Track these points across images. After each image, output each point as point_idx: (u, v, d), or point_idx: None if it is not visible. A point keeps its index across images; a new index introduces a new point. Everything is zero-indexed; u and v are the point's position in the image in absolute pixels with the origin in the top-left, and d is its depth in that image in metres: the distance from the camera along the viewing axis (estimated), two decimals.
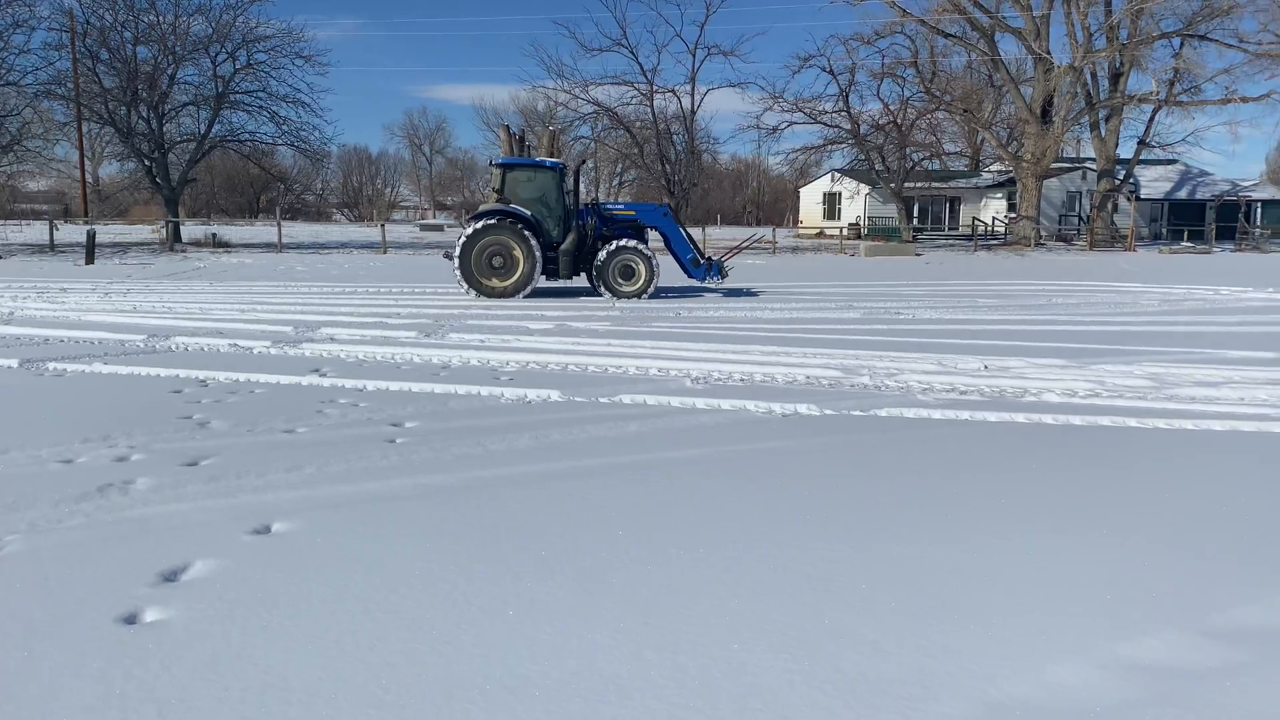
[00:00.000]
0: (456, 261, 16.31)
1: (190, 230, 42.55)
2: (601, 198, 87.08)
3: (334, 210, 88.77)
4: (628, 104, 40.46)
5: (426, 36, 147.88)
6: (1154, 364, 9.81)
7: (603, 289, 16.94)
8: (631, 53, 41.35)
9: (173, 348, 10.41)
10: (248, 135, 38.64)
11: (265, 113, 37.63)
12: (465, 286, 16.35)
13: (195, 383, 8.35)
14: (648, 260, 16.90)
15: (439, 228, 59.62)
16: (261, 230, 47.18)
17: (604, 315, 14.05)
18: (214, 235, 38.20)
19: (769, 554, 4.27)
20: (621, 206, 18.19)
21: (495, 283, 16.33)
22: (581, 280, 17.77)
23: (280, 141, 39.34)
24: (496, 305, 15.46)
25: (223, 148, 39.98)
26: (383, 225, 39.04)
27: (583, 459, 5.86)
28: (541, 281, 16.91)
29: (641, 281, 16.93)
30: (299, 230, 51.94)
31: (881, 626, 3.54)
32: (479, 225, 16.21)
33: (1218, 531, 4.67)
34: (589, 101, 40.33)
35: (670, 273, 19.65)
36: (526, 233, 16.25)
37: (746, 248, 23.13)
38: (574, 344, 10.91)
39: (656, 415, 7.21)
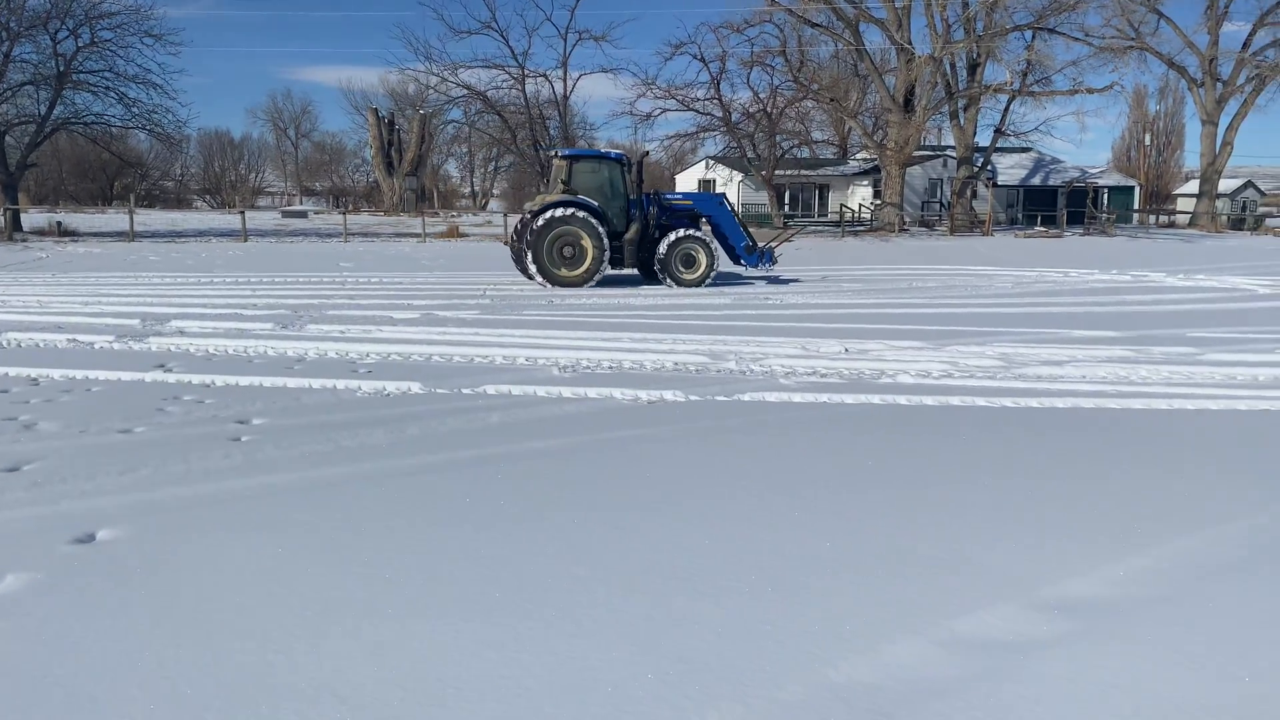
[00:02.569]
0: (530, 252, 16.28)
1: (32, 219, 39.96)
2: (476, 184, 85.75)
3: (195, 197, 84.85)
4: (500, 88, 39.89)
5: (289, 16, 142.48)
6: (1005, 344, 10.21)
7: (665, 277, 17.10)
8: (501, 36, 40.64)
9: (4, 344, 9.72)
10: (94, 118, 36.42)
11: (113, 94, 35.50)
12: (539, 277, 16.42)
13: (25, 381, 7.81)
14: (708, 248, 17.20)
15: (303, 214, 57.68)
16: (114, 218, 44.71)
17: (474, 304, 13.81)
18: (59, 224, 35.96)
19: (621, 544, 4.23)
20: (680, 196, 18.61)
21: (565, 272, 16.49)
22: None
23: (131, 125, 37.20)
24: (361, 294, 15.03)
25: (67, 131, 37.60)
26: (243, 213, 37.47)
27: (439, 453, 5.71)
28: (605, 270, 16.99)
29: (703, 269, 17.17)
30: (155, 218, 49.46)
31: (729, 613, 3.54)
32: (550, 215, 16.26)
33: (1050, 506, 4.86)
34: (459, 85, 39.59)
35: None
36: (595, 222, 16.40)
37: (791, 236, 24.10)
38: (440, 334, 10.67)
39: (521, 405, 7.09)
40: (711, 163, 53.35)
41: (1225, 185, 56.01)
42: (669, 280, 17.05)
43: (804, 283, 18.04)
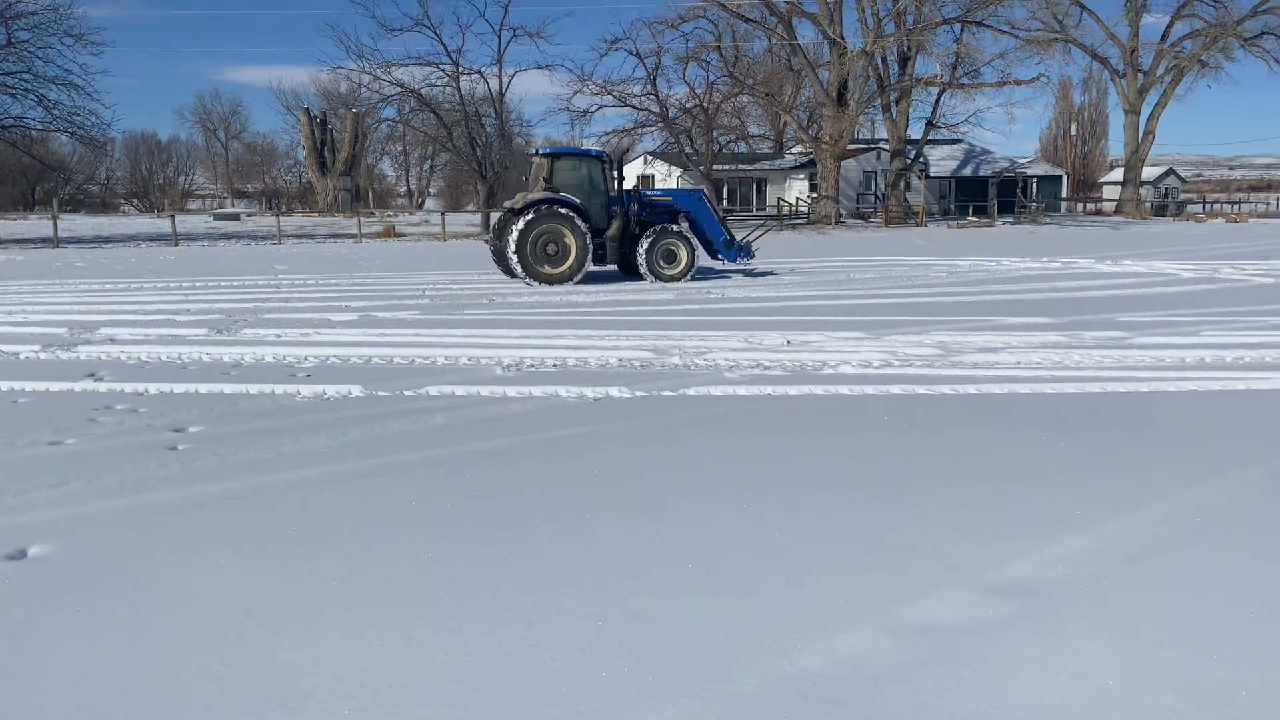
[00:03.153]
0: (514, 250, 16.22)
1: None
2: (412, 183, 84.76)
3: (122, 201, 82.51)
4: (434, 86, 39.31)
5: (215, 15, 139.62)
6: (942, 333, 10.39)
7: (646, 272, 17.22)
8: (435, 33, 39.92)
9: None
10: (12, 121, 35.30)
11: (32, 96, 34.45)
12: (523, 275, 16.42)
13: None
14: (689, 244, 17.44)
15: (235, 216, 56.46)
16: (36, 224, 43.32)
17: (413, 304, 13.65)
18: None
19: (570, 543, 4.22)
20: (659, 193, 18.70)
21: (549, 269, 16.50)
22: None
23: (52, 128, 36.14)
24: (297, 297, 14.77)
25: None
26: (173, 216, 36.58)
27: (382, 456, 5.63)
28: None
29: (683, 265, 17.36)
30: (80, 224, 47.98)
31: (681, 608, 3.55)
32: (532, 215, 16.30)
33: (990, 490, 4.96)
34: (393, 83, 38.93)
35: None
36: (578, 220, 16.50)
37: (768, 231, 24.19)
38: (379, 335, 10.54)
39: (464, 406, 7.03)
40: (650, 158, 53.41)
41: (1148, 173, 57.64)
42: (651, 276, 17.20)
43: (746, 275, 18.15)
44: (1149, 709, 2.87)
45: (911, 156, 45.87)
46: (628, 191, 17.78)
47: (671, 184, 52.71)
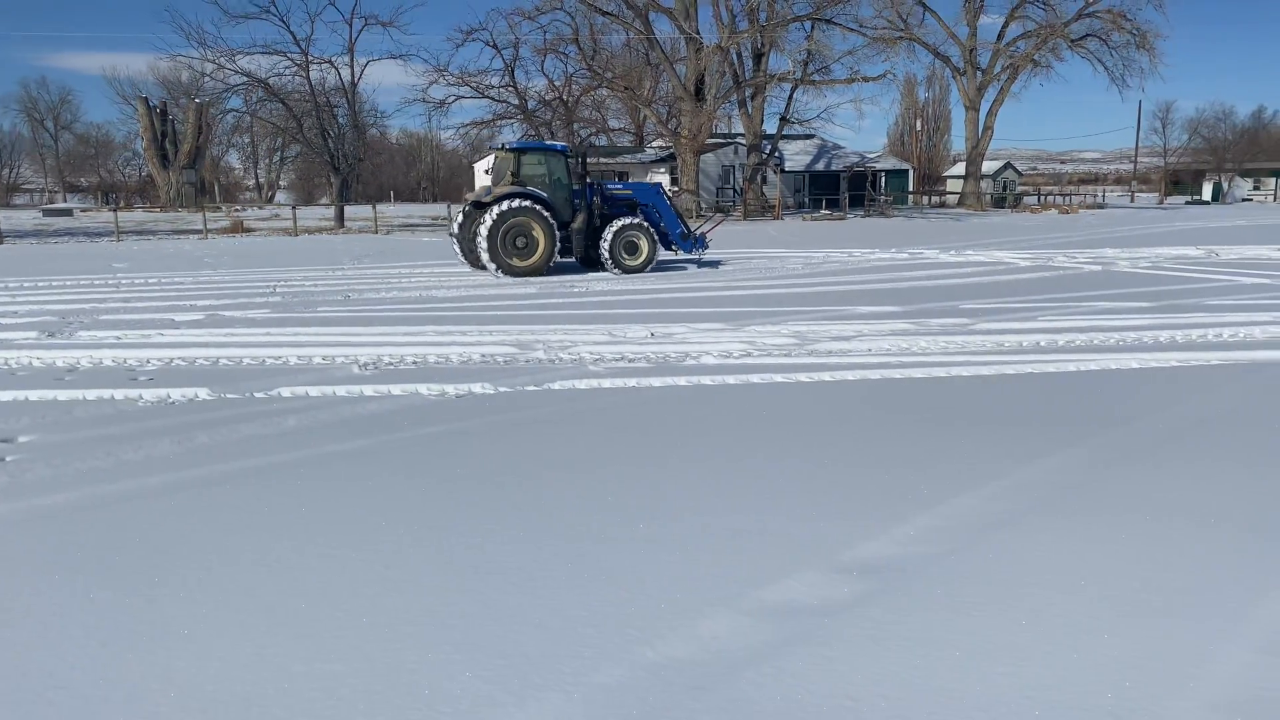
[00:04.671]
0: (484, 243, 16.46)
1: None
2: (263, 175, 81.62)
3: None
4: (282, 75, 37.88)
5: None
6: (798, 323, 10.69)
7: (610, 264, 17.54)
8: (282, 20, 38.42)
9: None
10: None
11: None
12: (494, 267, 16.69)
13: None
14: (650, 236, 17.82)
15: (68, 212, 53.03)
16: None
17: (263, 302, 13.14)
18: None
19: (435, 544, 4.15)
20: (620, 186, 19.11)
21: (518, 262, 16.79)
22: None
23: None
24: (138, 297, 14.00)
25: None
26: None
27: (232, 462, 5.40)
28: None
29: (645, 256, 17.74)
30: None
31: (546, 603, 3.54)
32: (503, 207, 16.59)
33: (842, 472, 5.14)
34: (238, 72, 37.33)
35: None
36: (545, 213, 16.81)
37: (720, 224, 25.38)
38: (228, 335, 10.10)
39: (319, 407, 6.81)
40: None
41: (988, 167, 60.72)
42: (614, 268, 17.57)
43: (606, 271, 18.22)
44: (996, 676, 3.03)
45: (767, 151, 46.97)
46: (590, 185, 18.16)
47: None
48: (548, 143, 20.49)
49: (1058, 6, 49.63)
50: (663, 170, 54.11)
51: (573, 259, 18.01)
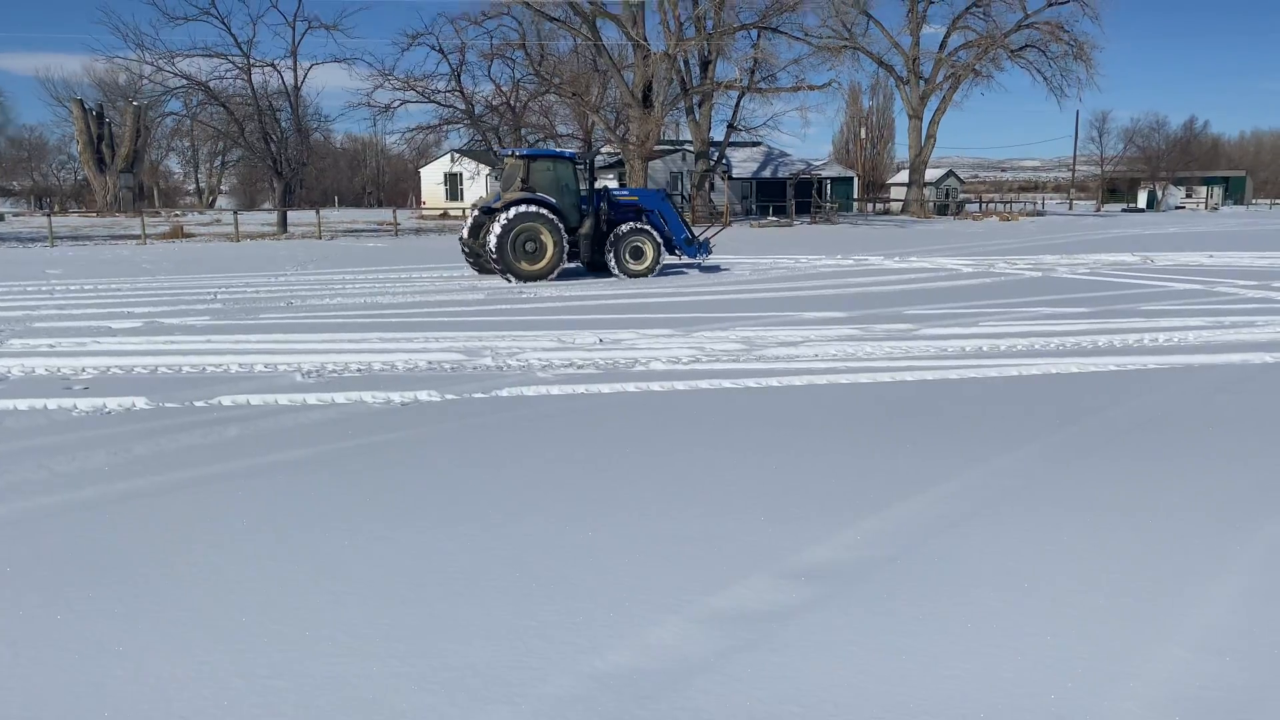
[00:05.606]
0: (494, 248, 16.72)
1: None
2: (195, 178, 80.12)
3: None
4: (223, 78, 37.13)
5: None
6: (746, 329, 10.74)
7: (615, 268, 17.87)
8: (223, 23, 37.58)
9: None
10: None
11: None
12: (503, 272, 17.01)
13: None
14: (655, 241, 18.12)
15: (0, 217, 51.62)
16: None
17: (204, 309, 12.88)
18: None
19: (378, 555, 4.08)
20: (626, 192, 19.45)
21: (527, 266, 17.06)
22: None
23: None
24: (73, 304, 13.64)
25: None
26: None
27: (169, 473, 5.27)
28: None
29: (650, 260, 18.05)
30: None
31: (494, 614, 3.49)
32: (513, 213, 16.87)
33: (788, 477, 5.16)
34: (177, 75, 36.54)
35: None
36: (554, 218, 17.08)
37: (723, 229, 25.32)
38: (167, 343, 9.87)
39: (261, 416, 6.68)
40: (457, 155, 52.65)
41: (931, 174, 61.78)
42: (619, 272, 17.87)
43: (558, 274, 18.15)
44: (942, 679, 3.05)
45: (715, 158, 47.23)
46: (598, 191, 18.47)
47: (480, 182, 52.23)
48: (557, 150, 20.95)
49: (998, 17, 50.78)
50: (611, 176, 54.14)
51: (580, 263, 18.33)
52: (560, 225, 17.20)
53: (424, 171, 64.19)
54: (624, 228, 17.93)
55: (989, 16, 51.04)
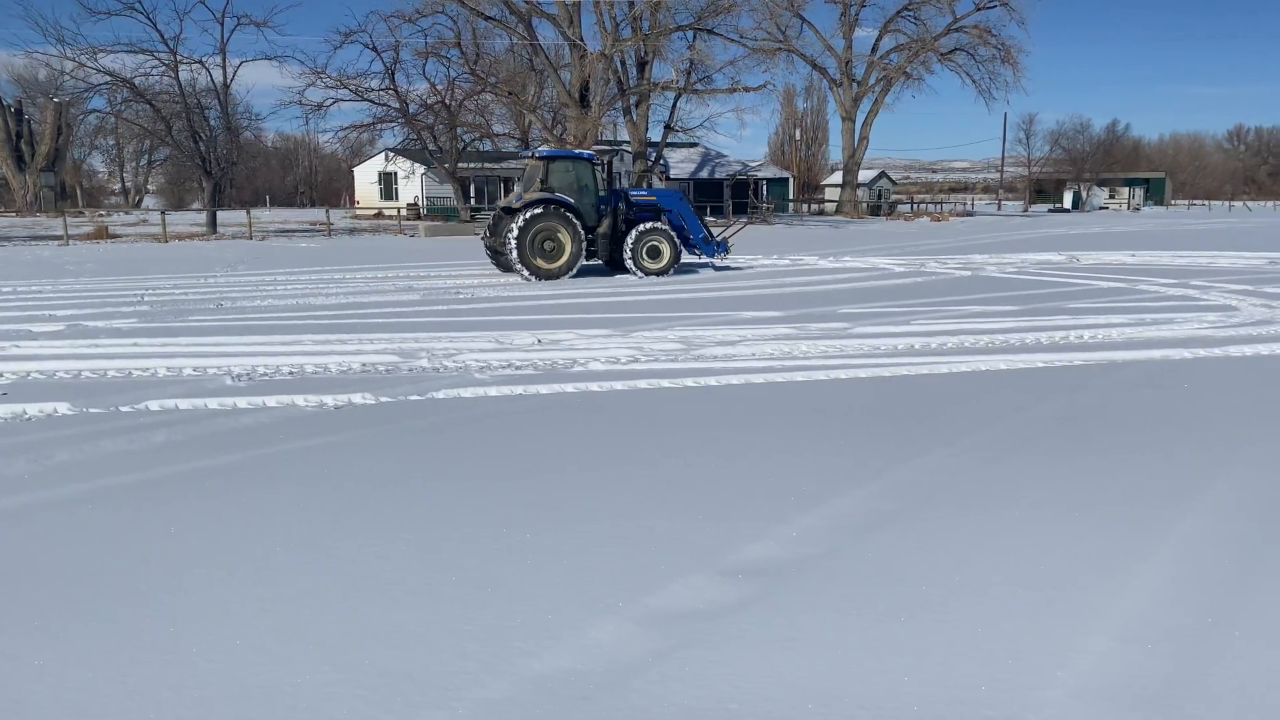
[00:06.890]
0: (513, 248, 17.05)
1: None
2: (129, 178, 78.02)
3: None
4: (149, 75, 36.16)
5: None
6: (684, 328, 10.78)
7: (632, 267, 18.14)
8: (148, 18, 36.63)
9: None
10: None
11: None
12: (523, 271, 17.26)
13: None
14: (672, 240, 18.49)
15: None
16: None
17: (130, 311, 12.54)
18: None
19: (310, 562, 4.02)
20: (644, 192, 19.89)
21: (545, 264, 17.44)
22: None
23: None
24: None
25: None
26: None
27: (93, 480, 5.12)
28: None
29: (667, 259, 18.39)
30: None
31: (429, 618, 3.46)
32: (531, 213, 17.24)
33: (725, 475, 5.19)
34: (100, 71, 35.51)
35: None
36: (571, 218, 17.47)
37: (742, 228, 26.16)
38: (90, 346, 9.59)
39: (190, 421, 6.53)
40: (392, 154, 52.02)
41: (864, 176, 62.70)
42: (637, 270, 18.14)
43: (496, 274, 18.04)
44: (876, 674, 3.10)
45: (653, 159, 47.34)
46: (616, 191, 18.84)
47: (415, 181, 51.68)
48: (576, 151, 21.17)
49: (928, 21, 51.76)
50: None
51: (599, 261, 18.64)
52: (578, 225, 17.60)
53: (358, 171, 63.29)
54: (642, 227, 18.34)
55: (919, 20, 52.08)
